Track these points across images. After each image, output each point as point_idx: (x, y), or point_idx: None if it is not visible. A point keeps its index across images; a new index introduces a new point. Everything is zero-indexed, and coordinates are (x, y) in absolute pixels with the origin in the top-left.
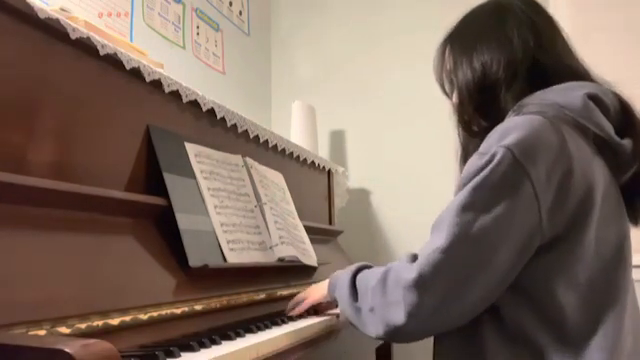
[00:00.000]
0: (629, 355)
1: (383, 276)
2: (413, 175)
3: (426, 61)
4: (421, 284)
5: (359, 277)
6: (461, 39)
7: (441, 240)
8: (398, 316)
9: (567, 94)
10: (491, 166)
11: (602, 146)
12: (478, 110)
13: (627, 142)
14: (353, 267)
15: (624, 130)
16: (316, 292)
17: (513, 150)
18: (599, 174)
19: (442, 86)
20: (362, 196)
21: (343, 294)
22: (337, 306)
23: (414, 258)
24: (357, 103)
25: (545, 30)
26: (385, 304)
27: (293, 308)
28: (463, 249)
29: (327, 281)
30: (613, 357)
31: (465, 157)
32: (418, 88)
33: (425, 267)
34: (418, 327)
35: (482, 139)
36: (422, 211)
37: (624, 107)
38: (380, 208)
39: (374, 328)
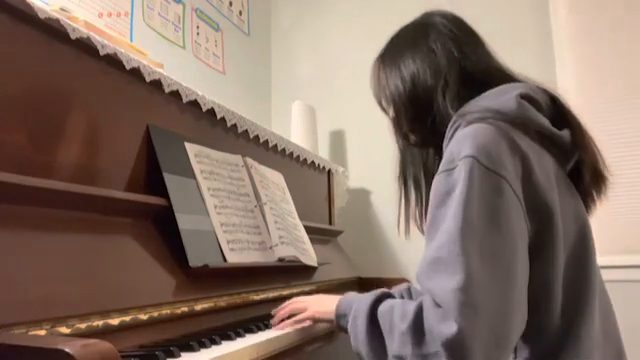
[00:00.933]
0: (599, 343)
1: (416, 321)
2: None
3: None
4: (463, 337)
5: (381, 312)
6: (390, 55)
7: (460, 277)
8: None
9: (500, 98)
10: (464, 180)
11: (543, 140)
12: (415, 120)
13: (565, 133)
14: (371, 297)
15: (559, 122)
16: (320, 309)
17: (478, 157)
18: (549, 167)
19: (380, 103)
20: (362, 196)
21: (359, 332)
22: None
23: (438, 306)
24: (357, 103)
25: (467, 39)
26: (420, 356)
27: (291, 314)
28: (486, 275)
29: (334, 300)
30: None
31: (403, 169)
32: None
33: (462, 315)
34: None
35: (425, 148)
36: None
37: (554, 101)
38: (380, 208)
39: None
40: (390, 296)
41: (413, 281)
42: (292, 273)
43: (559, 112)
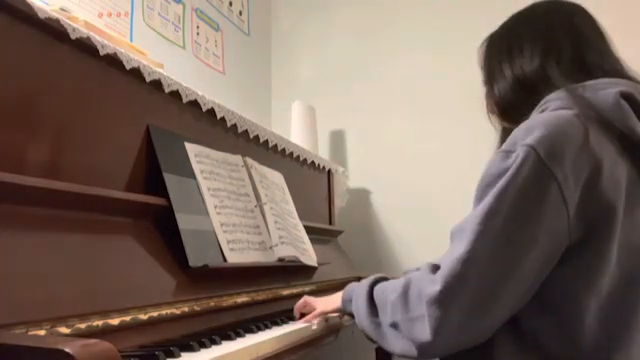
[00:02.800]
0: None
1: (404, 289)
2: (413, 175)
3: (427, 61)
4: (446, 298)
5: (377, 290)
6: (506, 32)
7: (465, 249)
8: (424, 333)
9: (600, 91)
10: (514, 168)
11: (630, 148)
12: (517, 98)
13: None
14: (369, 279)
15: None
16: (328, 303)
17: (537, 149)
18: (625, 177)
19: (485, 75)
20: (362, 196)
21: (360, 308)
22: (352, 318)
23: (435, 268)
24: (357, 103)
25: (590, 32)
26: (408, 320)
27: (301, 315)
28: (489, 259)
29: (340, 294)
30: None
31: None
32: (418, 88)
33: (449, 279)
34: (445, 343)
35: (512, 123)
36: (422, 211)
37: None
38: (380, 208)
39: (398, 345)
40: (386, 279)
41: None
42: (292, 273)
43: None
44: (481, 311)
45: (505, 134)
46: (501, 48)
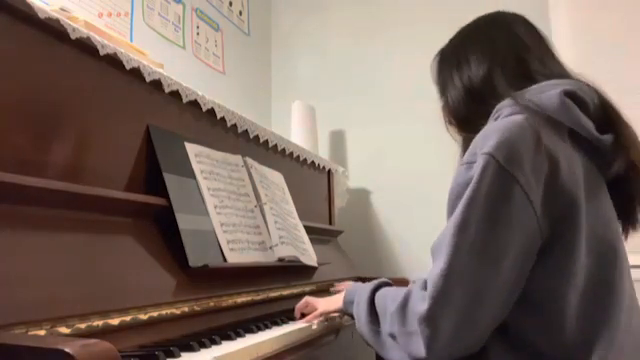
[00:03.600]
0: (631, 352)
1: (403, 302)
2: (413, 175)
3: (427, 61)
4: (433, 315)
5: (378, 297)
6: (452, 48)
7: (444, 264)
8: (419, 349)
9: (544, 92)
10: (477, 177)
11: (581, 143)
12: (466, 108)
13: (607, 137)
14: (372, 284)
15: (605, 125)
16: (330, 304)
17: (496, 156)
18: (581, 171)
19: (439, 88)
20: (362, 196)
21: (361, 313)
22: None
23: (425, 285)
24: (357, 103)
25: (530, 40)
26: (405, 334)
27: (301, 315)
28: (468, 268)
29: (342, 295)
30: (609, 355)
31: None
32: (419, 88)
33: (434, 296)
34: (439, 356)
35: (468, 132)
36: (422, 211)
37: (603, 103)
38: (380, 208)
39: (395, 355)
40: (389, 284)
41: None
42: (292, 273)
43: (607, 115)
44: (469, 322)
45: (466, 143)
46: (451, 62)
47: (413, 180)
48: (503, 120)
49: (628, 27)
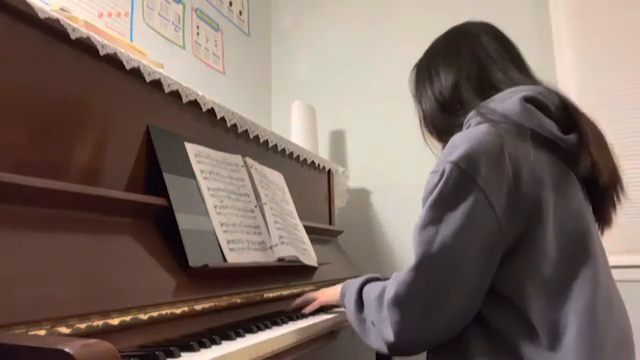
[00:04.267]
0: (612, 344)
1: (381, 292)
2: (413, 175)
3: None
4: (398, 302)
5: (365, 289)
6: (425, 60)
7: (414, 260)
8: (389, 333)
9: (506, 101)
10: (442, 183)
11: (547, 144)
12: (439, 119)
13: (571, 137)
14: (362, 278)
15: (568, 125)
16: (329, 295)
17: (459, 164)
18: (547, 173)
19: (415, 100)
20: (362, 196)
21: (350, 304)
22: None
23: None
24: (357, 103)
25: (501, 53)
26: (380, 320)
27: (302, 306)
28: (430, 264)
29: (340, 286)
30: (590, 350)
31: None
32: None
33: (399, 285)
34: (407, 342)
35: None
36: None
37: (565, 104)
38: (380, 208)
39: (375, 341)
40: (379, 279)
41: None
42: (292, 273)
43: (569, 115)
44: (432, 311)
45: None
46: (424, 74)
47: (413, 180)
48: (470, 130)
49: (628, 27)
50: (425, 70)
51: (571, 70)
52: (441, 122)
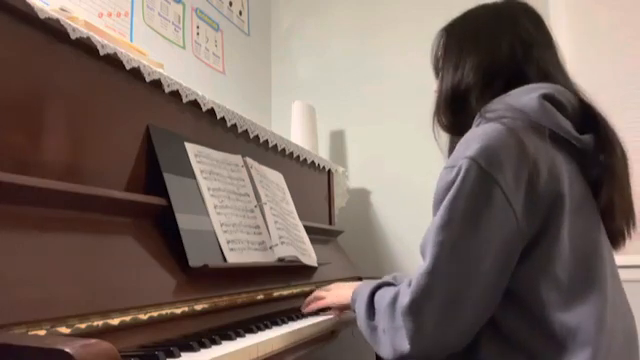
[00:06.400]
0: (619, 350)
1: (393, 299)
2: (413, 175)
3: (427, 61)
4: (415, 309)
5: (377, 295)
6: (456, 35)
7: (427, 262)
8: (403, 342)
9: (523, 96)
10: (460, 179)
11: (563, 144)
12: (448, 108)
13: (587, 137)
14: (374, 283)
15: (585, 126)
16: (340, 297)
17: (478, 160)
18: (564, 172)
19: (435, 69)
20: (362, 196)
21: (361, 310)
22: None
23: (410, 282)
24: (357, 103)
25: (537, 42)
26: (393, 328)
27: (310, 303)
28: (449, 267)
29: (351, 289)
30: (597, 353)
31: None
32: (419, 88)
33: (416, 291)
34: (422, 351)
35: (452, 134)
36: (422, 211)
37: (583, 104)
38: (380, 208)
39: (385, 350)
40: (391, 284)
41: None
42: (292, 273)
43: (587, 116)
44: (451, 318)
45: (452, 147)
46: (451, 53)
47: (413, 180)
48: (485, 126)
49: (628, 27)
50: (455, 47)
51: (571, 70)
52: (456, 109)
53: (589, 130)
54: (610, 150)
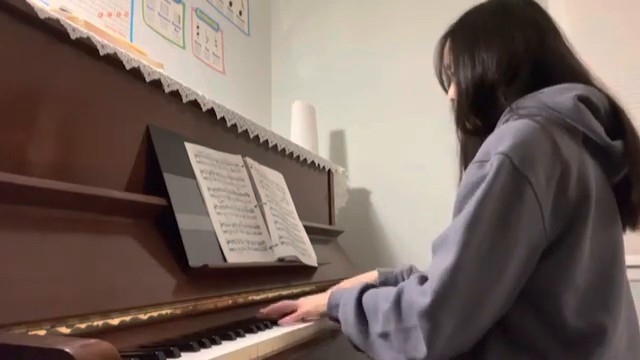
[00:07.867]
0: (624, 354)
1: (396, 299)
2: (413, 175)
3: (427, 61)
4: (437, 310)
5: (366, 297)
6: (463, 35)
7: (452, 259)
8: (417, 346)
9: (558, 96)
10: (491, 176)
11: (593, 147)
12: (473, 108)
13: (618, 143)
14: (358, 287)
15: (615, 131)
16: (312, 306)
17: (511, 157)
18: (592, 176)
19: (440, 80)
20: (362, 196)
21: (348, 315)
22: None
23: (423, 280)
24: (357, 103)
25: (547, 30)
26: (401, 331)
27: (278, 313)
28: (476, 267)
29: (325, 297)
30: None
31: (464, 154)
32: (419, 88)
33: (440, 290)
34: (439, 353)
35: (478, 137)
36: (422, 211)
37: (615, 109)
38: (380, 208)
39: (388, 355)
40: (375, 287)
41: None
42: (292, 273)
43: (617, 121)
44: (471, 319)
45: (464, 147)
46: (463, 51)
47: (413, 180)
48: (517, 122)
49: (628, 27)
50: (466, 49)
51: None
52: (483, 109)
53: (617, 135)
54: (637, 157)
